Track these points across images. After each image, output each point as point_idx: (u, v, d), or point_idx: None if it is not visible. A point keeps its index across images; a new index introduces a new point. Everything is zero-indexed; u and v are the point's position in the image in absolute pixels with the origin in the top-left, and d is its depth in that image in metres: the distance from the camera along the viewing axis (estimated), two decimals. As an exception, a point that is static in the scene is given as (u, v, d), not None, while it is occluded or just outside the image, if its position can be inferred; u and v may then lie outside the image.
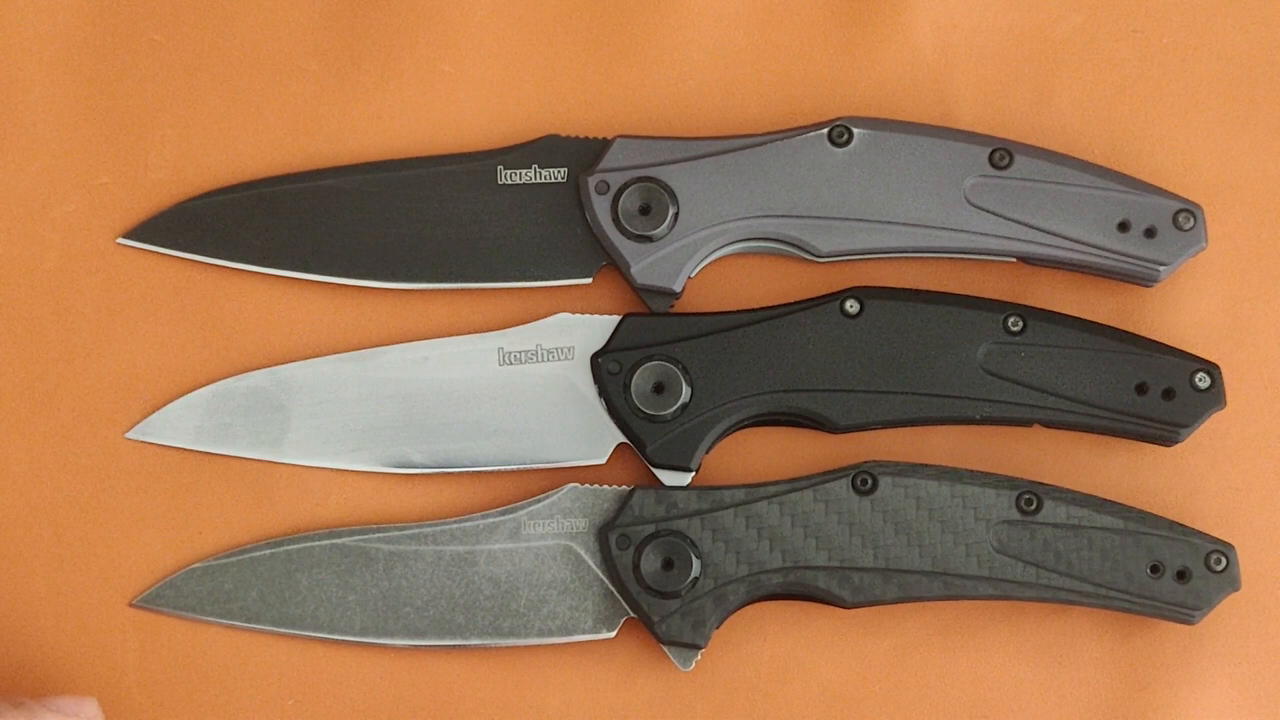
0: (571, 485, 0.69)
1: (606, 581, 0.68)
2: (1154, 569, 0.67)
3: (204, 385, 0.72)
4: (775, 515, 0.68)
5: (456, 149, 0.73)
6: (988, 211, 0.70)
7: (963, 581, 0.67)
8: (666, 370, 0.69)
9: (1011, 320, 0.69)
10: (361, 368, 0.71)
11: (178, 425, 0.71)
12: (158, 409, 0.71)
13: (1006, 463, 0.70)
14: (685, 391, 0.69)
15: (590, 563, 0.68)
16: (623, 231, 0.71)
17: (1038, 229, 0.70)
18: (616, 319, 0.71)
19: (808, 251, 0.71)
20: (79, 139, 0.74)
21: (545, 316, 0.71)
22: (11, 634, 0.70)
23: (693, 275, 0.71)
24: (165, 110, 0.74)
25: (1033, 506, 0.67)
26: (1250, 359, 0.72)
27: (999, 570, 0.67)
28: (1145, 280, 0.71)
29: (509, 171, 0.72)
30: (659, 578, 0.67)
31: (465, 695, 0.69)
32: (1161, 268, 0.70)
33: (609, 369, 0.70)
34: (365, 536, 0.70)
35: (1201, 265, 0.72)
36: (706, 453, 0.70)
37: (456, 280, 0.72)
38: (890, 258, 0.72)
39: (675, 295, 0.71)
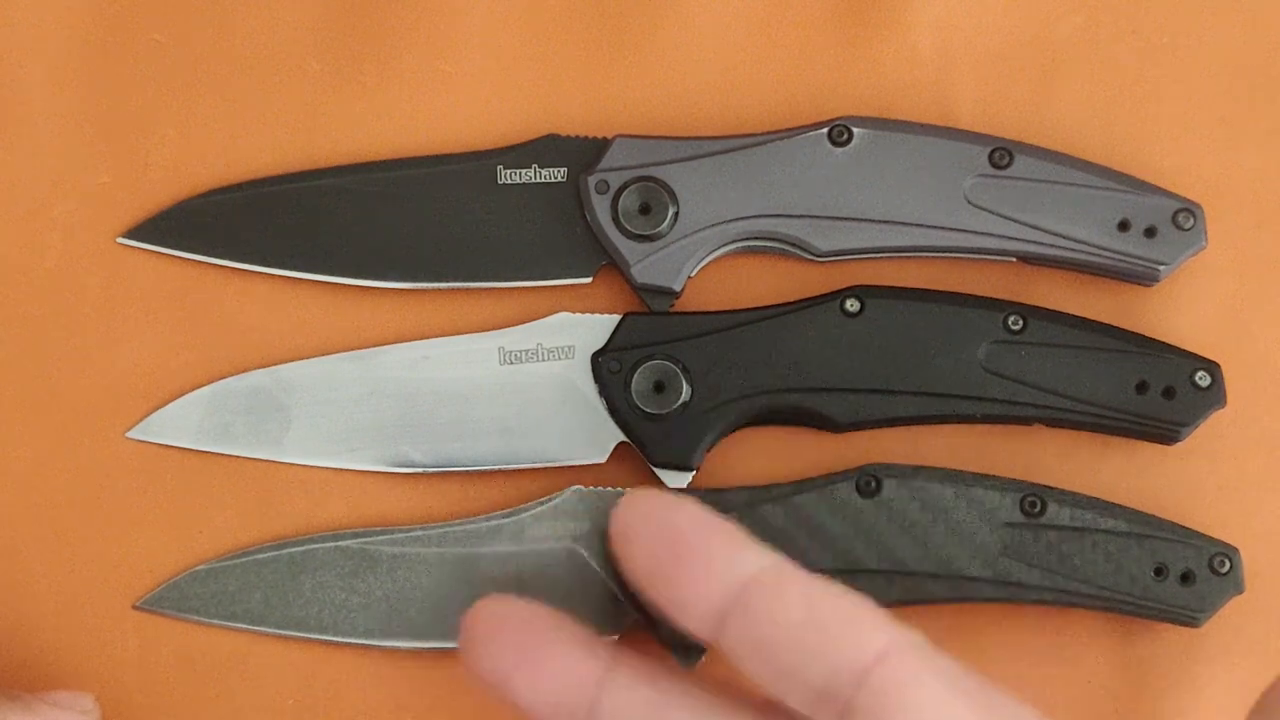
0: (575, 488, 0.69)
1: (610, 583, 0.68)
2: (1158, 572, 0.67)
3: (204, 385, 0.71)
4: (779, 518, 0.68)
5: (456, 149, 0.73)
6: (988, 211, 0.71)
7: (968, 584, 0.67)
8: (667, 369, 0.69)
9: (1012, 319, 0.70)
10: (362, 367, 0.71)
11: (178, 425, 0.71)
12: (158, 409, 0.71)
13: (1007, 461, 0.70)
14: (685, 390, 0.69)
15: (594, 565, 0.69)
16: (622, 231, 0.71)
17: (1038, 229, 0.70)
18: (617, 318, 0.71)
19: (807, 251, 0.71)
20: (79, 139, 0.73)
21: (545, 316, 0.71)
22: (11, 634, 0.70)
23: (693, 275, 0.71)
24: (165, 110, 0.74)
25: (1037, 509, 0.67)
26: (1250, 358, 0.72)
27: (1004, 573, 0.67)
28: (1145, 280, 0.71)
29: (509, 171, 0.72)
30: (663, 580, 0.67)
31: (468, 697, 0.69)
32: (1161, 267, 0.70)
33: (609, 368, 0.70)
34: (368, 539, 0.70)
35: (1201, 265, 0.72)
36: (707, 452, 0.70)
37: (456, 280, 0.72)
38: (890, 257, 0.72)
39: (675, 294, 0.71)
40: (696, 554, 0.51)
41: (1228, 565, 0.67)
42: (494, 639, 0.54)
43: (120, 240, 0.73)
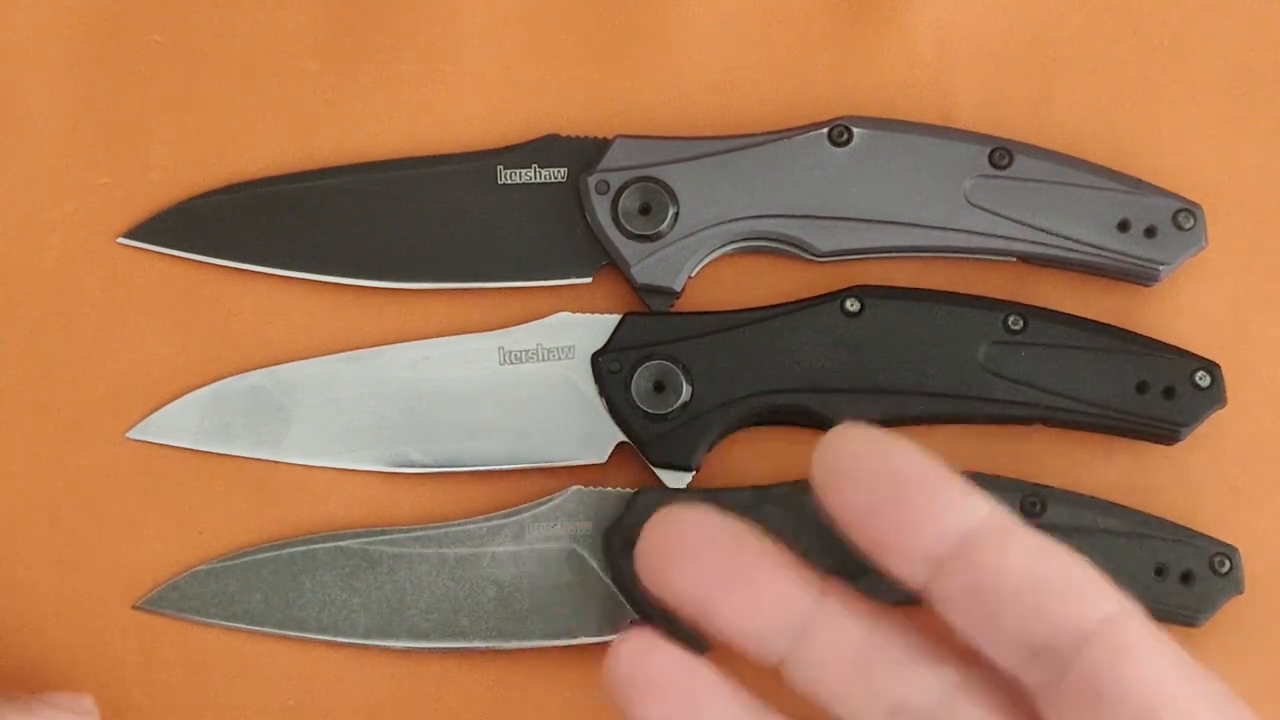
0: (575, 488, 0.69)
1: (610, 584, 0.68)
2: (1158, 572, 0.67)
3: (204, 385, 0.71)
4: (780, 518, 0.67)
5: (456, 149, 0.73)
6: (988, 211, 0.71)
7: (968, 584, 0.67)
8: (667, 369, 0.69)
9: (1012, 319, 0.70)
10: (362, 367, 0.71)
11: (178, 425, 0.71)
12: (158, 409, 0.71)
13: (1007, 461, 0.70)
14: (685, 390, 0.69)
15: (594, 565, 0.68)
16: (623, 231, 0.71)
17: (1038, 229, 0.70)
18: (617, 318, 0.71)
19: (808, 251, 0.71)
20: (79, 139, 0.73)
21: (546, 316, 0.71)
22: (11, 634, 0.70)
23: (693, 275, 0.71)
24: (165, 110, 0.74)
25: (1037, 509, 0.67)
26: (1250, 358, 0.72)
27: (1003, 573, 0.67)
28: (1145, 280, 0.71)
29: (509, 171, 0.72)
30: (663, 580, 0.67)
31: (468, 697, 0.69)
32: (1161, 267, 0.70)
33: (609, 368, 0.70)
34: (368, 539, 0.70)
35: (1201, 265, 0.72)
36: (707, 452, 0.70)
37: (456, 280, 0.72)
38: (890, 257, 0.72)
39: (675, 294, 0.71)
40: (919, 498, 0.48)
41: (1228, 565, 0.67)
42: (698, 556, 0.49)
43: (120, 240, 0.73)
